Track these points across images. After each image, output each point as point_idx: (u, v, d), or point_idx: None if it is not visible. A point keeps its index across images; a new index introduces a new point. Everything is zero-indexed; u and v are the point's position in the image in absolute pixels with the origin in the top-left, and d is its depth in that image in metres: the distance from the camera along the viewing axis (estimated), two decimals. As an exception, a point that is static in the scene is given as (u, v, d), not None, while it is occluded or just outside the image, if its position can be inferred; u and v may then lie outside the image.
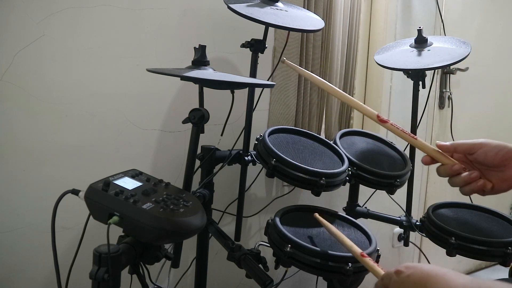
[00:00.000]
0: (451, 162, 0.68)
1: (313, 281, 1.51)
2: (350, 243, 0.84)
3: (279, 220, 1.10)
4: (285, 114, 1.68)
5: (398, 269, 0.61)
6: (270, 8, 1.27)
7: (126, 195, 0.79)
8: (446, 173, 0.68)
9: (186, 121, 1.05)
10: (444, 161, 0.68)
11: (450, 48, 1.49)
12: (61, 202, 0.83)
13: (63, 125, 1.23)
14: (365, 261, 0.76)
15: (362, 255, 0.77)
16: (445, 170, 0.68)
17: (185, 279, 1.49)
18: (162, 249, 0.85)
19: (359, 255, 0.79)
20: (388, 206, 1.63)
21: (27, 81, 1.16)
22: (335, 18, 1.78)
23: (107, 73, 1.29)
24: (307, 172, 1.11)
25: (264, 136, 1.21)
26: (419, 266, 0.59)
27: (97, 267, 0.72)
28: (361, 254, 0.78)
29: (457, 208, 1.45)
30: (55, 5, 1.18)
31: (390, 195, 1.38)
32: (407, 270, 0.60)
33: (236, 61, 1.53)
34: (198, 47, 1.08)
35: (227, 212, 1.51)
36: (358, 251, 0.80)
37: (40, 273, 1.24)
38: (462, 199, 1.56)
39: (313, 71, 1.71)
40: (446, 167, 0.68)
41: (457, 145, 0.68)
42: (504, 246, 1.20)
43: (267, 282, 0.99)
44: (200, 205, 0.87)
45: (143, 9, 1.33)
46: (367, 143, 1.53)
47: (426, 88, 1.59)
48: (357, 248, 0.81)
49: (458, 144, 0.68)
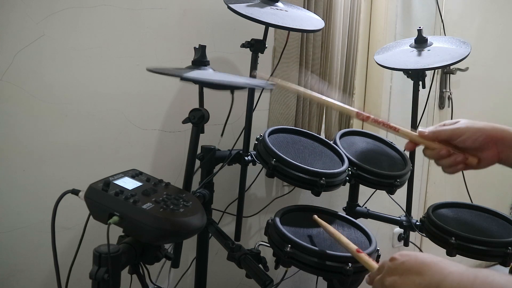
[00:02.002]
0: (439, 147, 0.71)
1: (313, 281, 1.51)
2: (346, 241, 0.84)
3: (279, 220, 1.10)
4: (285, 114, 1.68)
5: (393, 256, 0.62)
6: (270, 8, 1.27)
7: (126, 195, 0.79)
8: (433, 156, 0.72)
9: (186, 121, 1.05)
10: (432, 146, 0.72)
11: (450, 48, 1.49)
12: (61, 202, 0.83)
13: (63, 125, 1.23)
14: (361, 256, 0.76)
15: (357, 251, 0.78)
16: (432, 154, 0.72)
17: (185, 279, 1.49)
18: (162, 249, 0.85)
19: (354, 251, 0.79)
20: (388, 206, 1.63)
21: (27, 81, 1.16)
22: (335, 18, 1.78)
23: (107, 73, 1.29)
24: (307, 172, 1.11)
25: (264, 136, 1.21)
26: (413, 254, 0.60)
27: (97, 267, 0.72)
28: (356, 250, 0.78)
29: (457, 208, 1.45)
30: (55, 5, 1.18)
31: (390, 195, 1.38)
32: (402, 257, 0.60)
33: (236, 61, 1.53)
34: (198, 47, 1.08)
35: (227, 212, 1.51)
36: (353, 247, 0.80)
37: (40, 273, 1.24)
38: (462, 199, 1.56)
39: (313, 71, 1.71)
40: (433, 152, 0.71)
41: (438, 133, 0.71)
42: (504, 246, 1.20)
43: (267, 282, 0.99)
44: (200, 205, 0.87)
45: (143, 9, 1.33)
46: (367, 143, 1.53)
47: (426, 88, 1.59)
48: (352, 245, 0.81)
49: (439, 133, 0.71)
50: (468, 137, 0.68)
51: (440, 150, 0.70)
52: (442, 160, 0.71)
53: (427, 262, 0.57)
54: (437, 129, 0.72)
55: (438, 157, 0.71)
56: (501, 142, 0.67)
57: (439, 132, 0.71)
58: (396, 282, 0.58)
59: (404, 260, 0.59)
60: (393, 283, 0.58)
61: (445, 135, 0.71)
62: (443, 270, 0.54)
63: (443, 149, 0.70)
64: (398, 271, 0.59)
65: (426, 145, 0.72)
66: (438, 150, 0.70)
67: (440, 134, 0.71)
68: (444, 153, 0.70)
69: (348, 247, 0.83)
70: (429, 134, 0.72)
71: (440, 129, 0.71)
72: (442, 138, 0.71)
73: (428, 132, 0.72)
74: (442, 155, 0.70)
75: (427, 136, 0.72)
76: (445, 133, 0.70)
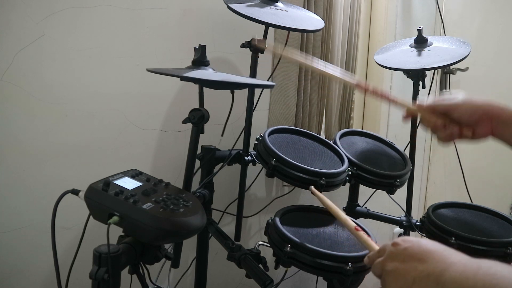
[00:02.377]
0: (435, 119, 0.74)
1: (313, 281, 1.51)
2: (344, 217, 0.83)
3: (279, 220, 1.10)
4: (285, 114, 1.68)
5: (395, 241, 0.61)
6: (270, 8, 1.27)
7: (126, 195, 0.79)
8: (429, 126, 0.75)
9: (186, 121, 1.05)
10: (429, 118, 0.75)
11: (450, 48, 1.49)
12: (61, 202, 0.83)
13: (63, 125, 1.23)
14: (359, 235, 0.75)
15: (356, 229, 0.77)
16: (429, 124, 0.75)
17: (185, 279, 1.49)
18: (162, 249, 0.85)
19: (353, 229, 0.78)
20: (388, 206, 1.63)
21: (27, 81, 1.16)
22: (335, 18, 1.78)
23: (107, 73, 1.29)
24: (307, 172, 1.12)
25: (264, 136, 1.21)
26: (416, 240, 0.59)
27: (97, 267, 0.72)
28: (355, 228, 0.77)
29: (457, 208, 1.45)
30: (55, 5, 1.18)
31: (390, 195, 1.38)
32: (404, 243, 0.59)
33: (236, 61, 1.53)
34: (198, 47, 1.07)
35: (227, 212, 1.51)
36: (352, 224, 0.79)
37: (40, 273, 1.24)
38: (462, 199, 1.56)
39: (313, 71, 1.71)
40: (429, 123, 0.75)
41: (436, 106, 0.74)
42: (504, 246, 1.20)
43: (267, 282, 0.99)
44: (200, 205, 0.87)
45: (143, 9, 1.33)
46: (367, 143, 1.53)
47: (426, 88, 1.59)
48: (351, 222, 0.80)
49: (436, 106, 0.74)
50: (465, 112, 0.71)
51: (436, 121, 0.74)
52: (437, 131, 0.74)
53: (430, 249, 0.56)
54: (436, 102, 0.75)
55: (434, 128, 0.74)
56: (497, 119, 0.69)
57: (437, 105, 0.74)
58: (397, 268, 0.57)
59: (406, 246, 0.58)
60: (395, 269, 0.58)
61: (442, 108, 0.74)
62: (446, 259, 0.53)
63: (439, 121, 0.73)
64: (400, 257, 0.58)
65: (423, 116, 0.76)
66: (434, 122, 0.74)
67: (437, 107, 0.74)
68: (440, 124, 0.73)
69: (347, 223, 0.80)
70: (427, 106, 0.75)
71: (438, 103, 0.74)
72: (439, 110, 0.74)
73: (426, 104, 0.75)
74: (438, 126, 0.74)
75: (425, 108, 0.75)
76: (443, 107, 0.73)
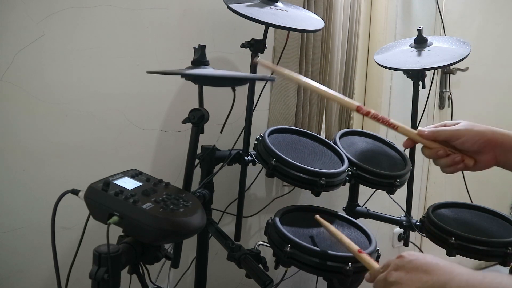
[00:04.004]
0: (436, 146, 0.72)
1: (313, 281, 1.52)
2: (348, 241, 0.85)
3: (279, 220, 1.10)
4: (285, 114, 1.68)
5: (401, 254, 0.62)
6: (270, 8, 1.27)
7: (126, 195, 0.79)
8: (431, 155, 0.73)
9: (186, 121, 1.05)
10: (430, 146, 0.73)
11: (450, 48, 1.49)
12: (61, 202, 0.83)
13: (63, 125, 1.23)
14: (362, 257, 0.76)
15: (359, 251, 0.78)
16: (430, 153, 0.72)
17: (185, 279, 1.49)
18: (162, 249, 0.85)
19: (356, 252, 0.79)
20: (388, 206, 1.63)
21: (27, 81, 1.16)
22: (335, 18, 1.78)
23: (107, 73, 1.29)
24: (307, 172, 1.11)
25: (264, 136, 1.21)
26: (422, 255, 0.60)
27: (97, 267, 0.72)
28: (358, 250, 0.79)
29: (457, 208, 1.45)
30: (55, 5, 1.18)
31: (390, 195, 1.38)
32: (410, 256, 0.60)
33: (236, 61, 1.53)
34: (197, 47, 1.07)
35: (227, 212, 1.52)
36: (355, 248, 0.81)
37: (40, 273, 1.24)
38: (462, 199, 1.56)
39: (313, 71, 1.71)
40: (431, 151, 0.72)
41: (437, 133, 0.72)
42: (504, 246, 1.20)
43: (267, 282, 0.99)
44: (200, 205, 0.87)
45: (143, 9, 1.33)
46: (367, 143, 1.53)
47: (426, 88, 1.59)
48: (354, 246, 0.82)
49: (438, 133, 0.72)
50: (467, 140, 0.69)
51: (438, 150, 0.71)
52: (439, 159, 0.72)
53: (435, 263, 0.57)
54: (437, 129, 0.72)
55: (435, 156, 0.72)
56: (500, 146, 0.68)
57: (439, 133, 0.72)
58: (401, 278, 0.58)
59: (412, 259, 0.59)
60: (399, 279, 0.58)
61: (444, 135, 0.71)
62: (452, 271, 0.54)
63: (441, 149, 0.71)
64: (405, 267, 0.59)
65: (425, 144, 0.73)
66: (436, 150, 0.72)
67: (439, 135, 0.72)
68: (442, 153, 0.71)
69: (350, 248, 0.83)
70: (428, 134, 0.72)
71: (439, 130, 0.72)
72: (441, 138, 0.72)
73: (428, 132, 0.72)
74: (440, 155, 0.71)
75: (426, 136, 0.72)
76: (445, 134, 0.71)
